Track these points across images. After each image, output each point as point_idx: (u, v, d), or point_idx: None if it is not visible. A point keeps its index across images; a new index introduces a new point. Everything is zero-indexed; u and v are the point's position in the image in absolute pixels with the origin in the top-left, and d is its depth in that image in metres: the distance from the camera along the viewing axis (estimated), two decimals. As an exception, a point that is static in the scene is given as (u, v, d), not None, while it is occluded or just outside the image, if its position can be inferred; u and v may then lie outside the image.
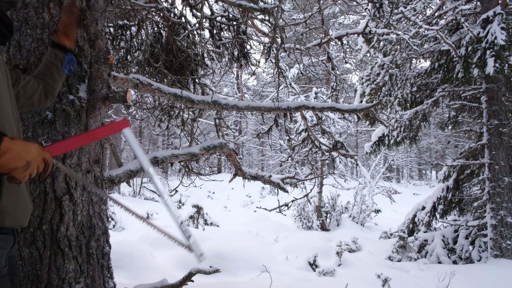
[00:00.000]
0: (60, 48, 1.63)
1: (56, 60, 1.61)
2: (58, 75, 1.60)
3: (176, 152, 2.83)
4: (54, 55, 1.61)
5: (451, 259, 6.37)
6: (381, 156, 15.64)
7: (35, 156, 1.08)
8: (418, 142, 7.56)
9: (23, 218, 1.21)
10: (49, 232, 1.74)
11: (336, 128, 11.13)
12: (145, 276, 4.16)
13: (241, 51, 3.79)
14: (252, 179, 3.52)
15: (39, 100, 1.50)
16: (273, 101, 3.33)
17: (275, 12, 3.02)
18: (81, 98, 1.88)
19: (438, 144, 26.44)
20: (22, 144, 1.05)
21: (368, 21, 4.43)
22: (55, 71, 1.59)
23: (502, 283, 4.78)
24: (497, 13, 5.57)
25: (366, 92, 7.56)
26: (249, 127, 27.38)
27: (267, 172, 5.92)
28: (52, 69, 1.59)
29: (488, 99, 6.23)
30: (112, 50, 3.51)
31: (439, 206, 7.11)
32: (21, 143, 1.05)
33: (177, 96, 2.66)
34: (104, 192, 1.97)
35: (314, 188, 7.52)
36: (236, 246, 5.36)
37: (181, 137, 4.32)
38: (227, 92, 24.66)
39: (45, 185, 1.75)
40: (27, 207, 1.23)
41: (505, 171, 6.02)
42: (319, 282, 4.65)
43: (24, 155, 1.05)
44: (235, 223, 10.21)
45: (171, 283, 2.46)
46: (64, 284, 1.75)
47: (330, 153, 4.58)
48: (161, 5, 3.15)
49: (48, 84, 1.55)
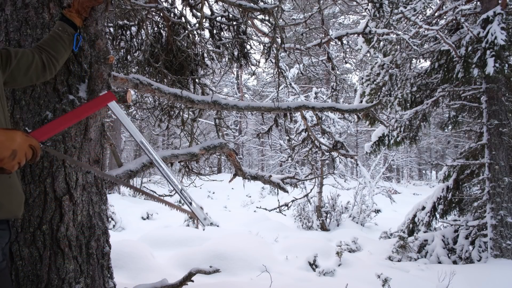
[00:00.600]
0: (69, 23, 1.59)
1: (63, 33, 1.56)
2: (64, 48, 1.56)
3: (176, 152, 2.83)
4: (62, 28, 1.57)
5: (451, 259, 6.37)
6: (381, 156, 15.64)
7: (20, 144, 1.05)
8: (418, 142, 7.56)
9: (17, 209, 1.20)
10: (49, 232, 1.74)
11: (336, 128, 11.13)
12: (145, 276, 4.16)
13: (241, 51, 3.79)
14: (252, 179, 3.52)
15: (36, 74, 1.45)
16: (273, 101, 3.33)
17: (275, 12, 3.02)
18: (81, 98, 1.88)
19: (438, 144, 26.44)
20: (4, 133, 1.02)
21: (368, 21, 4.43)
22: (61, 44, 1.55)
23: (502, 283, 4.78)
24: (497, 13, 5.57)
25: (366, 92, 7.56)
26: (249, 127, 27.38)
27: (267, 172, 5.92)
28: (58, 41, 1.54)
29: (488, 99, 6.23)
30: (112, 50, 3.51)
31: (439, 206, 7.11)
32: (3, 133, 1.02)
33: (177, 96, 2.66)
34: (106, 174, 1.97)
35: (314, 188, 7.52)
36: (236, 246, 5.36)
37: (181, 137, 4.32)
38: (227, 92, 24.66)
39: (45, 185, 1.75)
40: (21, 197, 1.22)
41: (505, 171, 6.02)
42: (319, 282, 4.65)
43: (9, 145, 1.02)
44: (235, 223, 10.21)
45: (171, 283, 2.45)
46: (64, 284, 1.75)
47: (330, 153, 4.58)
48: (161, 5, 3.15)
49: (50, 55, 1.50)
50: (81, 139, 1.89)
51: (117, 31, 3.47)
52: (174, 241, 6.36)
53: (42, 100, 1.77)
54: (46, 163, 1.74)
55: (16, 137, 1.04)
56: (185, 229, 7.59)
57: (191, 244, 6.20)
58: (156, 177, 18.39)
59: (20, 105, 1.76)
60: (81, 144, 1.87)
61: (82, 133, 1.89)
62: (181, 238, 6.50)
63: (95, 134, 1.96)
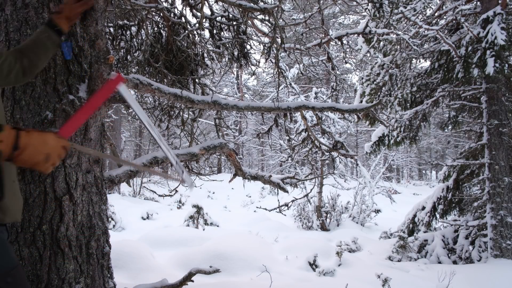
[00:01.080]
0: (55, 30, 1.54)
1: (48, 40, 1.52)
2: (46, 56, 1.52)
3: (176, 152, 2.82)
4: (47, 36, 1.52)
5: (451, 259, 6.37)
6: (381, 156, 15.64)
7: (53, 147, 1.07)
8: (418, 142, 7.56)
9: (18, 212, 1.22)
10: (49, 232, 1.74)
11: (336, 128, 11.13)
12: (145, 276, 4.16)
13: (241, 51, 3.79)
14: (252, 179, 3.52)
15: (15, 78, 1.43)
16: (273, 101, 3.33)
17: (275, 12, 3.02)
18: (81, 98, 1.88)
19: (438, 144, 26.44)
20: (38, 137, 1.04)
21: (368, 21, 4.43)
22: (44, 51, 1.51)
23: (502, 283, 4.78)
24: (497, 13, 5.57)
25: (366, 92, 7.56)
26: (249, 127, 27.38)
27: (267, 172, 5.92)
28: (40, 48, 1.50)
29: (488, 99, 6.23)
30: (112, 50, 3.51)
31: (439, 206, 7.11)
32: (37, 136, 1.04)
33: (177, 96, 2.66)
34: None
35: (314, 188, 7.52)
36: (236, 246, 5.36)
37: (181, 137, 4.31)
38: (227, 92, 24.66)
39: (45, 185, 1.75)
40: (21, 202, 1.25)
41: (505, 171, 6.02)
42: (319, 282, 4.65)
43: (42, 149, 1.04)
44: (235, 223, 10.21)
45: (171, 283, 2.46)
46: (64, 284, 1.75)
47: (330, 153, 4.58)
48: (161, 5, 3.15)
49: (30, 61, 1.46)
50: (81, 139, 1.89)
51: (117, 31, 3.47)
52: (174, 241, 6.36)
53: (42, 100, 1.77)
54: (46, 163, 1.73)
55: (49, 141, 1.06)
56: (185, 229, 7.59)
57: (191, 244, 6.20)
58: (156, 177, 18.40)
59: (20, 105, 1.76)
60: (81, 144, 1.88)
61: (82, 133, 1.89)
62: (181, 238, 6.50)
63: (95, 134, 1.96)
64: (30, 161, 1.02)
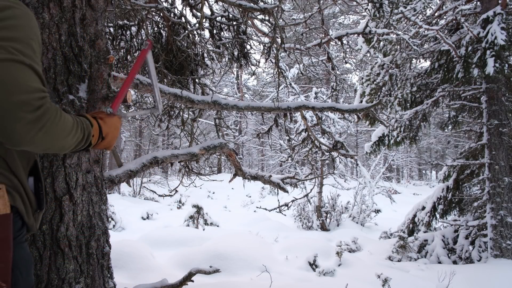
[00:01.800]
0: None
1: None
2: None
3: (176, 152, 2.82)
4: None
5: (451, 259, 6.37)
6: (381, 156, 15.64)
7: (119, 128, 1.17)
8: (418, 142, 7.57)
9: None
10: (49, 232, 1.74)
11: (336, 128, 11.12)
12: (145, 276, 4.16)
13: (241, 51, 3.79)
14: (252, 179, 3.52)
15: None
16: (273, 101, 3.33)
17: (275, 12, 3.02)
18: (81, 98, 1.88)
19: (438, 144, 26.45)
20: (111, 124, 1.12)
21: (368, 21, 4.43)
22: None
23: (502, 283, 4.78)
24: (497, 13, 5.57)
25: (366, 92, 7.56)
26: (249, 127, 27.38)
27: (267, 172, 5.92)
28: None
29: (488, 99, 6.23)
30: (112, 50, 3.51)
31: (439, 206, 7.11)
32: (110, 122, 1.12)
33: (177, 96, 2.66)
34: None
35: (314, 188, 7.52)
36: (236, 246, 5.36)
37: (181, 137, 4.32)
38: (227, 92, 24.66)
39: (45, 185, 1.75)
40: None
41: (505, 171, 6.02)
42: (319, 282, 4.65)
43: (116, 133, 1.13)
44: (235, 223, 10.21)
45: (171, 283, 2.45)
46: (64, 284, 1.75)
47: (330, 153, 4.58)
48: (161, 5, 3.15)
49: None
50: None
51: (117, 31, 3.47)
52: (174, 241, 6.36)
53: (42, 100, 1.77)
54: (46, 163, 1.74)
55: (117, 124, 1.16)
56: (185, 229, 7.59)
57: (191, 244, 6.21)
58: (156, 177, 18.40)
59: (20, 105, 1.76)
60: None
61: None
62: (181, 238, 6.50)
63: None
64: (107, 145, 1.11)
